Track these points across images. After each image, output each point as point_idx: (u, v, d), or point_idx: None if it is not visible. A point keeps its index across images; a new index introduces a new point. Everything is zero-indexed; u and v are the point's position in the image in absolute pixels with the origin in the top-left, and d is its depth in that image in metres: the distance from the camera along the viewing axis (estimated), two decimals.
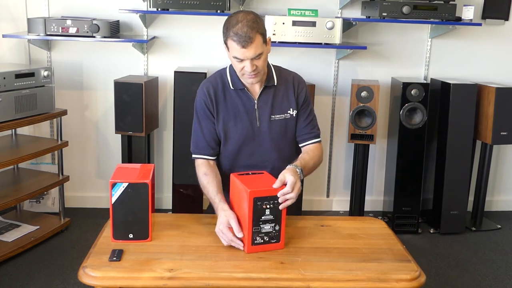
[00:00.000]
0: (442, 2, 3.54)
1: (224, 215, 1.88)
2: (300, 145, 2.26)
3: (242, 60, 2.00)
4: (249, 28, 1.95)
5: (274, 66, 2.22)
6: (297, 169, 1.95)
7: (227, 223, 1.85)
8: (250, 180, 1.87)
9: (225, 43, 2.03)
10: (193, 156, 2.21)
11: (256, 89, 2.16)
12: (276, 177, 1.87)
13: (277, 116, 2.17)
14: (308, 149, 2.22)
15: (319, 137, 2.26)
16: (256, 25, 1.98)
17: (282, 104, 2.18)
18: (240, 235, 1.82)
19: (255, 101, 2.15)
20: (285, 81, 2.20)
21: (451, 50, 3.97)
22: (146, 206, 1.82)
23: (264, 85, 2.15)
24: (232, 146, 2.17)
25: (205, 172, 2.13)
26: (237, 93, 2.15)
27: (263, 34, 2.01)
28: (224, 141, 2.18)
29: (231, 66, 2.17)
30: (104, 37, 3.41)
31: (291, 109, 2.19)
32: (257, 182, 1.86)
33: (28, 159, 3.31)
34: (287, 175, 1.86)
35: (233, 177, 1.91)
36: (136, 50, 3.70)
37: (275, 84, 2.17)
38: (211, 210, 2.30)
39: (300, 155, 2.18)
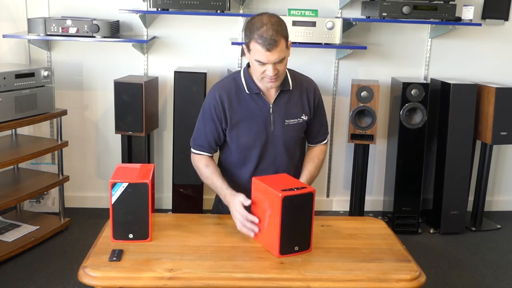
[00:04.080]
0: (442, 2, 3.54)
1: (236, 198, 1.92)
2: (309, 144, 2.28)
3: (264, 64, 1.95)
4: (274, 31, 1.90)
5: (288, 69, 2.16)
6: None
7: (241, 204, 1.89)
8: (275, 182, 1.85)
9: (247, 45, 1.98)
10: (192, 150, 2.19)
11: (272, 93, 2.12)
12: None
13: (291, 120, 2.14)
14: (314, 155, 2.24)
15: (327, 137, 2.32)
16: (281, 28, 1.93)
17: (296, 109, 2.15)
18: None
19: (271, 105, 2.10)
20: (299, 85, 2.17)
21: (451, 50, 3.97)
22: (146, 206, 1.82)
23: (280, 89, 2.11)
24: (244, 150, 2.14)
25: (206, 164, 2.14)
26: (252, 97, 2.10)
27: (287, 38, 1.97)
28: (236, 144, 2.14)
29: (245, 69, 2.13)
30: (104, 37, 3.41)
31: (303, 115, 2.16)
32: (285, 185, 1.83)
33: (28, 159, 3.31)
34: None
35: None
36: (136, 50, 3.70)
37: (290, 88, 2.13)
38: (216, 210, 2.29)
39: (306, 166, 2.20)
